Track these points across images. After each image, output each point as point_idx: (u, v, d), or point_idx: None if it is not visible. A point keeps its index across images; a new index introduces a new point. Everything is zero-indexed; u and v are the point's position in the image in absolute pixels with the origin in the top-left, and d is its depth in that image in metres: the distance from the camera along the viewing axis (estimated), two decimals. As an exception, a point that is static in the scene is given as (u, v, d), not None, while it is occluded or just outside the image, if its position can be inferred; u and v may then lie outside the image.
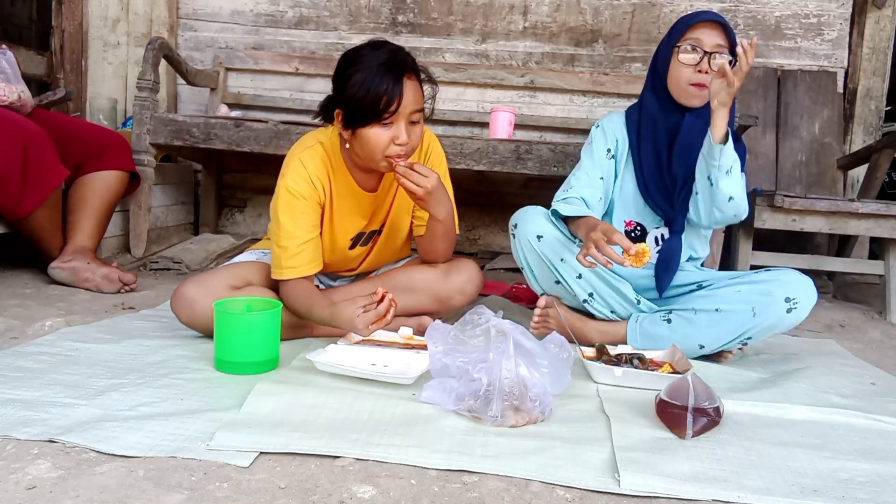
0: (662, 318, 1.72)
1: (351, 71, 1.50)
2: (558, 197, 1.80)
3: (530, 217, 1.77)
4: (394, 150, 1.52)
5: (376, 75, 1.46)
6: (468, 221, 3.40)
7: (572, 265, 1.73)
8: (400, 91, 1.47)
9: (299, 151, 1.63)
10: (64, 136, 2.19)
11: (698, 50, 1.69)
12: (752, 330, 1.63)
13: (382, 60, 1.48)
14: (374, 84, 1.46)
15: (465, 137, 2.65)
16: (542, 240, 1.74)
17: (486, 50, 3.35)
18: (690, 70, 1.70)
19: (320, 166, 1.62)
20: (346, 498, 0.91)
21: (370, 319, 1.44)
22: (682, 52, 1.71)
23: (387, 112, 1.47)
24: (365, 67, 1.48)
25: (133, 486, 0.91)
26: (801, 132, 3.16)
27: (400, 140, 1.50)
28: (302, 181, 1.59)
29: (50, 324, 1.65)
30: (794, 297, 1.61)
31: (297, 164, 1.60)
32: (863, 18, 3.24)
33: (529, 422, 1.19)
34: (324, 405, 1.21)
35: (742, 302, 1.64)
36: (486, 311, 1.26)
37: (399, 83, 1.47)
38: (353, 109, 1.49)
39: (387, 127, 1.50)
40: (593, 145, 1.86)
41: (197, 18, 3.40)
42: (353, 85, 1.48)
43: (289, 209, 1.59)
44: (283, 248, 1.58)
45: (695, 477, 1.02)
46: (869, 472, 1.09)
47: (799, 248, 3.01)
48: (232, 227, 3.46)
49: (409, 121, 1.52)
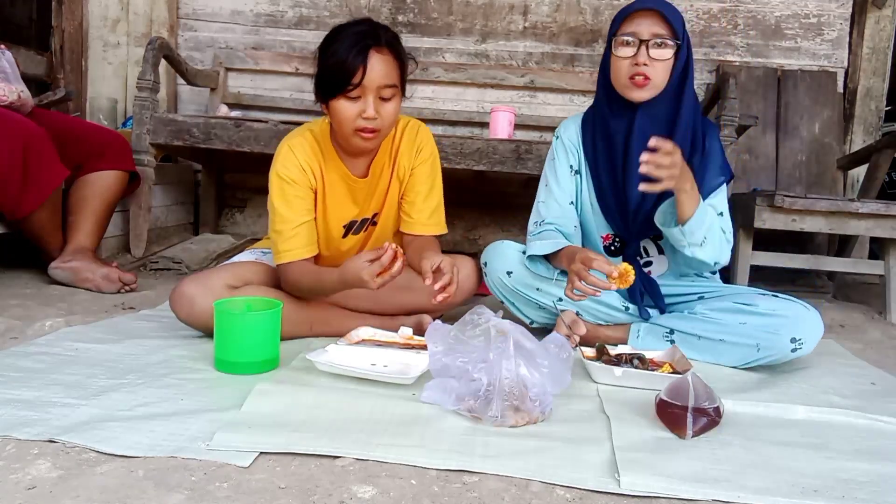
0: (665, 336, 1.70)
1: (325, 45, 1.53)
2: (531, 232, 1.77)
3: (499, 253, 1.76)
4: (361, 124, 1.52)
5: (343, 46, 1.47)
6: (468, 221, 3.40)
7: (549, 292, 1.72)
8: (364, 63, 1.46)
9: (289, 139, 1.65)
10: (64, 136, 2.19)
11: (634, 41, 1.61)
12: (755, 363, 1.62)
13: (354, 32, 1.49)
14: (340, 55, 1.47)
15: (465, 137, 2.65)
16: (513, 275, 1.74)
17: (486, 50, 3.35)
18: (627, 63, 1.62)
19: (309, 153, 1.63)
20: (346, 498, 0.91)
21: (375, 271, 1.43)
22: (619, 45, 1.63)
23: (350, 84, 1.47)
24: (332, 41, 1.51)
25: (133, 486, 0.91)
26: (801, 132, 3.16)
27: (367, 114, 1.50)
28: (292, 166, 1.61)
29: (50, 324, 1.65)
30: (801, 338, 1.57)
31: (287, 150, 1.62)
32: (863, 18, 3.24)
33: (529, 422, 1.19)
34: (324, 405, 1.21)
35: (747, 336, 1.60)
36: (486, 311, 1.26)
37: (363, 55, 1.47)
38: (322, 80, 1.52)
39: (354, 101, 1.50)
40: (556, 162, 1.82)
41: (197, 18, 3.40)
42: (324, 57, 1.51)
43: (281, 194, 1.60)
44: (279, 232, 1.60)
45: (695, 477, 1.02)
46: (869, 472, 1.09)
47: (799, 248, 3.01)
48: (232, 227, 3.46)
49: (378, 96, 1.51)
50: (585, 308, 1.75)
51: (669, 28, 1.60)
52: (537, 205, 1.83)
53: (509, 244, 1.77)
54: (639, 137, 1.66)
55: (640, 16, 1.61)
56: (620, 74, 1.64)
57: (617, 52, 1.64)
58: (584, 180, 1.81)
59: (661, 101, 1.66)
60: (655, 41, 1.60)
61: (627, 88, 1.64)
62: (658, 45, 1.60)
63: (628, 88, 1.64)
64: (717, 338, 1.64)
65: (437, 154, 1.79)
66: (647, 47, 1.60)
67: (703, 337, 1.66)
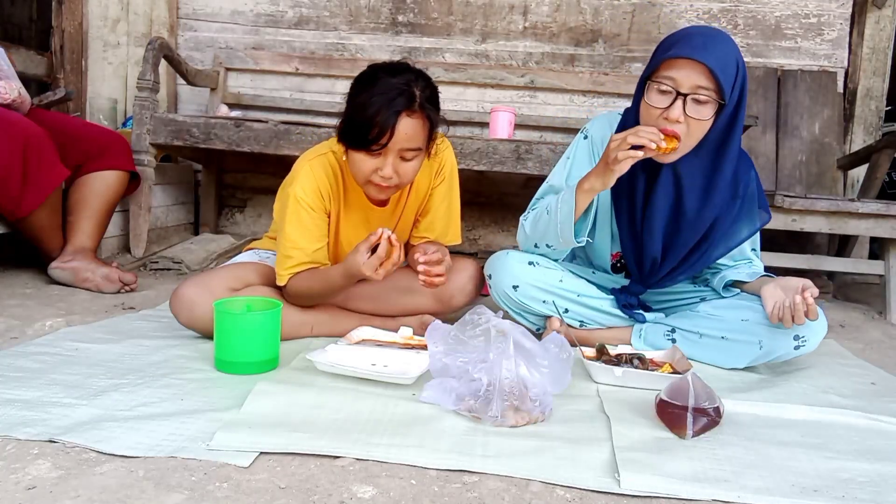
0: (666, 335, 1.69)
1: (358, 90, 1.48)
2: (524, 216, 1.70)
3: (504, 266, 1.69)
4: (377, 180, 1.50)
5: (375, 104, 1.42)
6: (468, 221, 3.40)
7: (556, 304, 1.67)
8: (393, 127, 1.43)
9: (310, 158, 1.61)
10: (64, 137, 2.19)
11: (671, 91, 1.42)
12: (758, 360, 1.60)
13: (389, 88, 1.43)
14: (370, 112, 1.42)
15: (465, 137, 2.65)
16: (519, 290, 1.68)
17: (486, 50, 3.35)
18: (658, 113, 1.44)
19: (330, 175, 1.61)
20: (346, 498, 0.91)
21: (374, 264, 1.42)
22: (652, 91, 1.45)
23: (375, 144, 1.44)
24: (368, 93, 1.44)
25: (133, 486, 0.91)
26: (801, 132, 3.16)
27: (383, 173, 1.48)
28: (311, 191, 1.57)
29: (50, 324, 1.65)
30: (804, 335, 1.54)
31: (308, 171, 1.58)
32: (863, 18, 3.24)
33: (529, 422, 1.19)
34: (324, 405, 1.21)
35: (749, 333, 1.58)
36: (486, 311, 1.26)
37: (395, 118, 1.42)
38: (347, 129, 1.49)
39: (374, 156, 1.48)
40: (576, 151, 1.69)
41: (197, 18, 3.40)
42: (354, 105, 1.47)
43: (296, 219, 1.57)
44: (288, 256, 1.57)
45: (695, 477, 1.02)
46: (869, 472, 1.09)
47: (799, 248, 3.01)
48: (232, 227, 3.46)
49: (400, 157, 1.48)
50: (590, 318, 1.73)
51: (715, 82, 1.41)
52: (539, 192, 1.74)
53: (514, 255, 1.71)
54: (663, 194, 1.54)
55: (685, 64, 1.41)
56: (648, 124, 1.46)
57: (649, 99, 1.46)
58: None
59: (695, 157, 1.50)
60: (694, 96, 1.42)
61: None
62: (698, 101, 1.42)
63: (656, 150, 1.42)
64: (719, 335, 1.62)
65: (456, 166, 1.78)
66: (684, 102, 1.41)
67: (704, 335, 1.64)
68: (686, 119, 1.43)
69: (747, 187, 1.60)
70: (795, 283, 1.51)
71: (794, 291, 1.50)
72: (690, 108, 1.42)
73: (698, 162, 1.52)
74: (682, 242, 1.60)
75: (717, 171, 1.54)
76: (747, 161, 1.63)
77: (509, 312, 1.76)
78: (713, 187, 1.55)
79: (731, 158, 1.53)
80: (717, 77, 1.40)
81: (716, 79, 1.41)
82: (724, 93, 1.43)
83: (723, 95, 1.43)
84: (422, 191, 1.73)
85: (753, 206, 1.62)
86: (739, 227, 1.61)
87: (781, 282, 1.56)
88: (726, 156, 1.52)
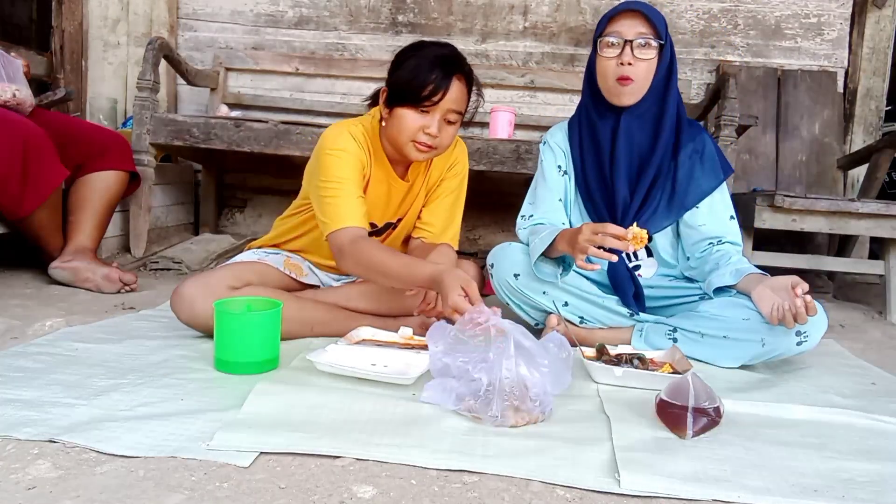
0: (668, 335, 1.69)
1: (408, 55, 1.59)
2: (519, 226, 1.82)
3: (506, 255, 1.76)
4: (421, 138, 1.57)
5: (430, 65, 1.54)
6: (468, 221, 3.40)
7: (555, 295, 1.72)
8: (447, 86, 1.54)
9: (346, 125, 1.65)
10: (64, 137, 2.19)
11: (618, 41, 1.65)
12: (760, 358, 1.60)
13: (440, 54, 1.57)
14: (424, 71, 1.54)
15: (465, 137, 2.65)
16: (520, 278, 1.73)
17: (486, 50, 3.35)
18: (613, 63, 1.67)
19: (364, 142, 1.65)
20: (346, 498, 0.91)
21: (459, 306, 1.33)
22: (604, 46, 1.68)
23: (428, 100, 1.54)
24: (422, 56, 1.57)
25: (133, 486, 0.91)
26: (802, 132, 3.16)
27: (430, 130, 1.56)
28: (351, 144, 1.61)
29: (50, 324, 1.65)
30: (805, 331, 1.55)
31: (346, 133, 1.62)
32: (863, 18, 3.24)
33: (529, 422, 1.18)
34: (324, 405, 1.21)
35: (751, 331, 1.59)
36: (487, 310, 1.26)
37: (448, 78, 1.54)
38: (398, 89, 1.56)
39: (423, 114, 1.56)
40: (544, 164, 1.85)
41: (197, 18, 3.40)
42: (405, 67, 1.56)
43: (338, 163, 1.58)
44: (335, 196, 1.57)
45: (695, 477, 1.02)
46: (869, 472, 1.09)
47: (799, 248, 3.01)
48: (232, 227, 3.46)
49: (444, 118, 1.58)
50: (590, 314, 1.74)
51: (653, 28, 1.66)
52: (525, 204, 1.87)
53: (516, 246, 1.77)
54: (624, 137, 1.73)
55: (624, 17, 1.67)
56: (607, 76, 1.69)
57: (602, 53, 1.69)
58: (572, 181, 1.84)
59: (646, 102, 1.70)
60: (639, 41, 1.65)
61: (613, 90, 1.69)
62: (642, 45, 1.65)
63: (615, 91, 1.68)
64: (721, 335, 1.62)
65: (468, 171, 1.85)
66: (631, 47, 1.65)
67: (706, 334, 1.64)
68: (635, 62, 1.65)
69: (704, 145, 1.76)
70: (785, 282, 1.54)
71: (786, 290, 1.51)
72: (637, 51, 1.65)
73: (647, 105, 1.72)
74: (644, 178, 1.74)
75: (662, 114, 1.73)
76: (697, 125, 1.82)
77: (510, 305, 1.80)
78: (660, 129, 1.73)
79: (672, 103, 1.73)
80: (653, 21, 1.66)
81: (652, 23, 1.65)
82: (661, 33, 1.67)
83: (660, 35, 1.67)
84: (434, 177, 1.79)
85: (714, 163, 1.76)
86: (701, 176, 1.74)
87: (769, 282, 1.58)
88: (668, 100, 1.72)
